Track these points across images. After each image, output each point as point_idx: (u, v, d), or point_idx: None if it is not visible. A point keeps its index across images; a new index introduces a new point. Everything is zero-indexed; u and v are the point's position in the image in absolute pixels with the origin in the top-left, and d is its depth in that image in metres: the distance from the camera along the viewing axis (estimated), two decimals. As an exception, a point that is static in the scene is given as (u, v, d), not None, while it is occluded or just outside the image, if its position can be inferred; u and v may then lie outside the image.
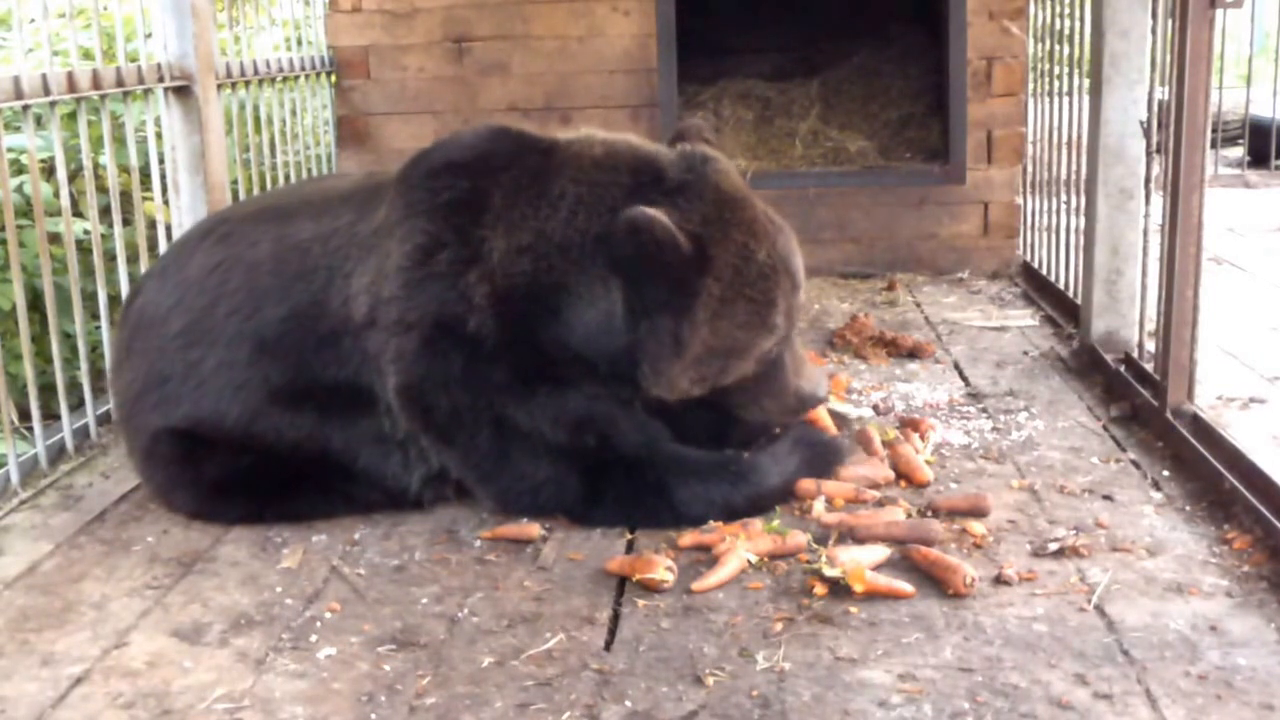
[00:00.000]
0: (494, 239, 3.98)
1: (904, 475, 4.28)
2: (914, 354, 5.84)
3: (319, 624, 3.43)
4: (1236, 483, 3.91)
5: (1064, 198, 6.59)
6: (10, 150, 4.98)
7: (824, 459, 4.24)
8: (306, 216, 4.31)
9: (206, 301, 4.22)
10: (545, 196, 4.00)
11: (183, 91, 5.65)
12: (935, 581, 3.49)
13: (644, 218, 3.75)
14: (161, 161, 5.68)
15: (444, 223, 4.03)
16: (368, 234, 4.16)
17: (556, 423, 4.00)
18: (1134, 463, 4.39)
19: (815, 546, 3.71)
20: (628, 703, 2.97)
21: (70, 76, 4.81)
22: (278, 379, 4.12)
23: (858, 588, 3.42)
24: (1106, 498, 4.10)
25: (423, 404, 4.01)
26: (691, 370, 3.96)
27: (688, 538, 3.82)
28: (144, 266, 5.43)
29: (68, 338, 5.29)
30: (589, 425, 4.01)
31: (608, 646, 3.26)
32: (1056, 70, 6.90)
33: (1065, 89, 6.62)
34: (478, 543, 3.94)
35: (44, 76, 4.64)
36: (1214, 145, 10.15)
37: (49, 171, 5.60)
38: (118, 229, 5.19)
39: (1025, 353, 5.88)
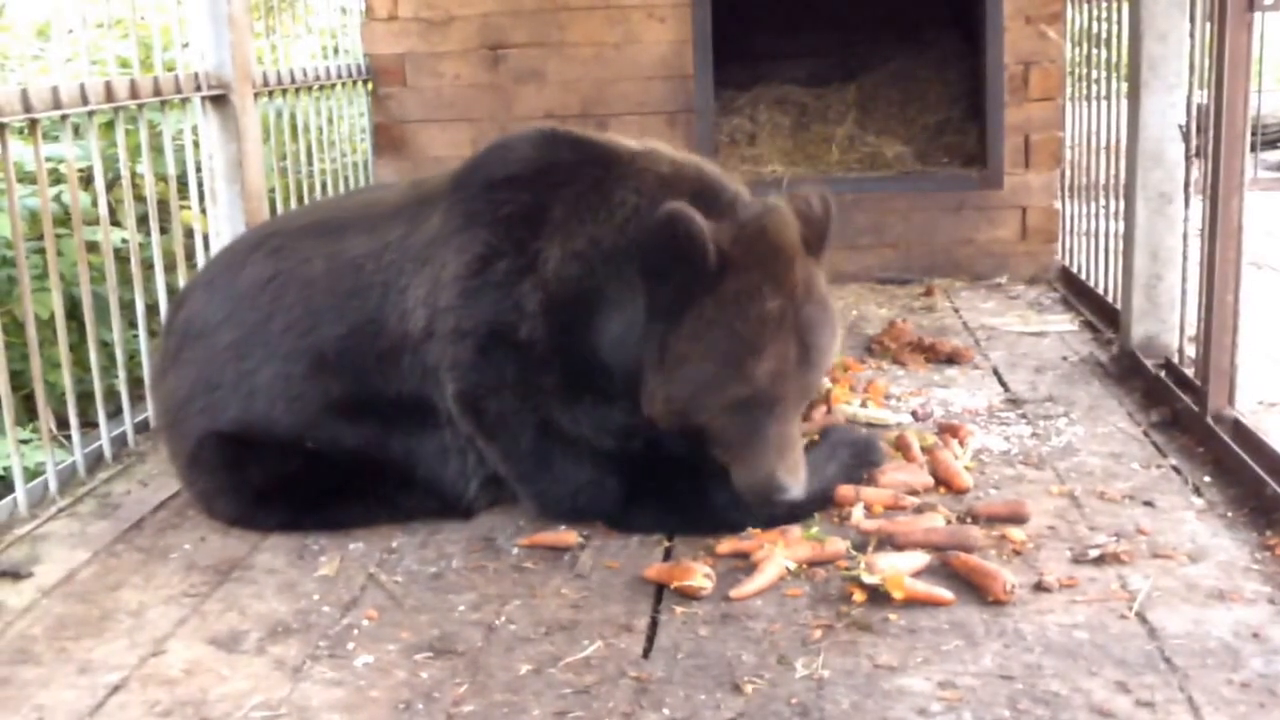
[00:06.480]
0: (549, 248, 4.02)
1: (943, 481, 4.25)
2: (952, 360, 5.81)
3: (356, 632, 3.43)
4: (1279, 488, 3.88)
5: (1102, 202, 6.57)
6: (48, 160, 5.00)
7: (861, 463, 4.23)
8: (357, 231, 4.33)
9: (260, 316, 4.25)
10: (605, 205, 4.03)
11: (220, 100, 5.67)
12: (975, 588, 3.46)
13: (682, 211, 3.71)
14: (199, 170, 5.71)
15: (504, 234, 4.07)
16: (420, 246, 4.19)
17: (602, 429, 4.03)
18: (1175, 468, 4.36)
19: (854, 553, 3.69)
20: (666, 710, 2.96)
21: (108, 86, 4.84)
22: (338, 393, 4.16)
23: (897, 595, 3.40)
24: (1147, 504, 4.07)
25: (475, 408, 4.05)
26: (664, 388, 3.85)
27: (726, 545, 3.81)
28: (181, 275, 5.46)
29: (105, 346, 5.31)
30: (635, 432, 4.02)
31: (646, 654, 3.24)
32: (1094, 74, 6.87)
33: (1103, 93, 6.59)
34: (515, 550, 3.94)
35: (82, 86, 4.67)
36: (1253, 149, 10.08)
37: (87, 181, 5.63)
38: (155, 238, 5.21)
39: (1064, 358, 5.84)
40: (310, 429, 4.17)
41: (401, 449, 4.17)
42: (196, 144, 5.67)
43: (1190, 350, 4.92)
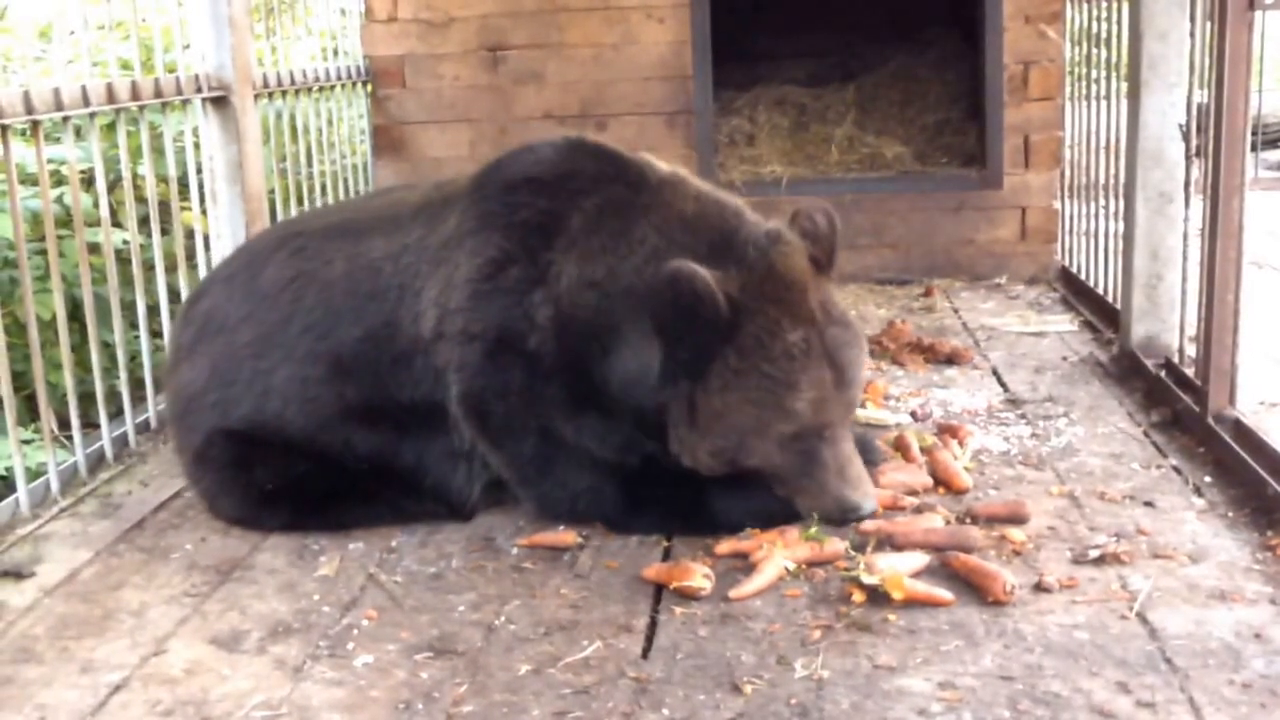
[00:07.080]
0: (564, 264, 3.99)
1: (942, 482, 4.25)
2: (952, 360, 5.81)
3: (356, 632, 3.44)
4: (1279, 488, 3.88)
5: (1102, 202, 6.56)
6: (50, 161, 5.00)
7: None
8: (378, 233, 4.33)
9: (280, 316, 4.26)
10: (626, 237, 3.98)
11: (220, 102, 5.68)
12: (974, 589, 3.46)
13: (685, 270, 3.67)
14: (199, 171, 5.72)
15: (517, 240, 4.05)
16: (436, 247, 4.19)
17: (603, 442, 4.02)
18: (1175, 469, 4.36)
19: (853, 554, 3.69)
20: (665, 711, 2.96)
21: (109, 88, 4.85)
22: (353, 397, 4.17)
23: (896, 595, 3.40)
24: (1148, 504, 4.07)
25: (480, 411, 4.05)
26: (707, 442, 3.85)
27: (725, 545, 3.81)
28: (182, 276, 5.47)
29: (107, 347, 5.31)
30: (636, 447, 4.02)
31: (645, 654, 3.25)
32: (1094, 74, 6.86)
33: (1103, 93, 6.59)
34: (514, 550, 3.94)
35: (83, 88, 4.68)
36: (1254, 148, 10.10)
37: (88, 182, 5.63)
38: (156, 239, 5.21)
39: (1064, 358, 5.84)
40: (324, 432, 4.18)
41: (413, 455, 4.18)
42: (197, 145, 5.68)
43: (1191, 350, 4.92)
